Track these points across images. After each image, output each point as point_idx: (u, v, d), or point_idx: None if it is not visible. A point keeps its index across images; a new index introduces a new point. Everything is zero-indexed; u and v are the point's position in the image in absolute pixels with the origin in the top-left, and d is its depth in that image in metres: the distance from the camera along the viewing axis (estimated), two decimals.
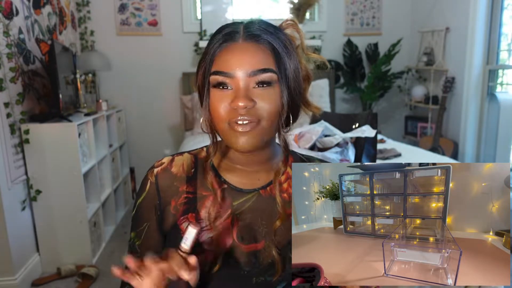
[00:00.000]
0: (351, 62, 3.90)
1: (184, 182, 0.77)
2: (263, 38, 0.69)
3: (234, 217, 0.75)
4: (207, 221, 0.74)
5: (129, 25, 3.64)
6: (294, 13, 3.62)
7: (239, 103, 0.65)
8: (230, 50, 0.68)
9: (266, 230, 0.76)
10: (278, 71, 0.68)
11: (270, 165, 0.78)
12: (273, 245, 0.74)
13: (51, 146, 2.31)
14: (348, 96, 4.07)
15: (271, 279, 0.75)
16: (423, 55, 3.67)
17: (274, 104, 0.68)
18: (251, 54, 0.67)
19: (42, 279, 2.31)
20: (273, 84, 0.68)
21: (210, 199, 0.76)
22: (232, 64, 0.67)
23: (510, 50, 3.07)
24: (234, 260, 0.74)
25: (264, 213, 0.76)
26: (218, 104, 0.68)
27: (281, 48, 0.70)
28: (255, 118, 0.67)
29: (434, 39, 3.59)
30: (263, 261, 0.75)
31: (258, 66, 0.67)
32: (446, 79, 3.31)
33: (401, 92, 4.06)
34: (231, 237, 0.75)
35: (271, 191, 0.77)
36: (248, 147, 0.68)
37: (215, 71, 0.68)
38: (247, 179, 0.77)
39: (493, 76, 3.12)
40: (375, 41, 3.90)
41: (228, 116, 0.67)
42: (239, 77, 0.67)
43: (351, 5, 3.90)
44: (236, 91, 0.67)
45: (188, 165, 0.79)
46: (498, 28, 3.04)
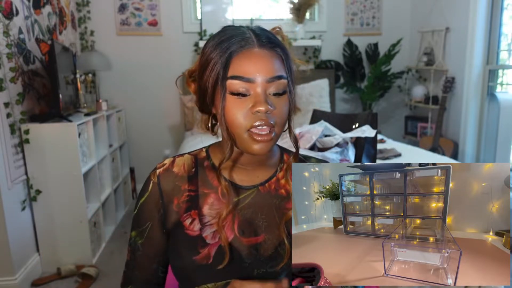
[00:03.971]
0: (351, 62, 3.90)
1: (185, 181, 0.81)
2: (274, 45, 0.72)
3: (235, 212, 0.79)
4: (209, 217, 0.78)
5: (129, 25, 3.64)
6: (294, 13, 3.63)
7: (261, 107, 0.68)
8: (247, 56, 0.70)
9: (266, 224, 0.79)
10: (287, 77, 0.72)
11: (268, 163, 0.83)
12: (284, 234, 0.77)
13: (51, 146, 2.31)
14: (348, 96, 4.06)
15: (272, 270, 0.77)
16: (423, 55, 3.67)
17: (286, 110, 0.72)
18: (268, 61, 0.70)
19: (42, 279, 2.31)
20: (285, 92, 0.72)
21: (212, 196, 0.79)
22: (252, 70, 0.69)
23: (510, 50, 3.07)
24: (236, 253, 0.77)
25: (263, 208, 0.80)
26: (236, 110, 0.70)
27: (285, 54, 0.74)
28: (272, 123, 0.70)
29: (434, 39, 3.59)
30: (263, 254, 0.77)
31: (275, 72, 0.70)
32: (446, 79, 3.31)
33: (401, 92, 4.06)
34: (233, 231, 0.78)
35: (270, 187, 0.81)
36: (263, 152, 0.72)
37: (234, 75, 0.69)
38: (247, 177, 0.81)
39: (493, 76, 3.12)
40: (375, 41, 3.90)
41: (246, 122, 0.70)
42: (258, 82, 0.69)
43: (351, 5, 3.90)
44: (256, 97, 0.69)
45: (188, 165, 0.82)
46: (498, 28, 3.04)
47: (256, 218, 0.79)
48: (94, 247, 2.57)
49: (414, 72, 3.96)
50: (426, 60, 3.62)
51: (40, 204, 2.35)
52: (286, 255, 0.77)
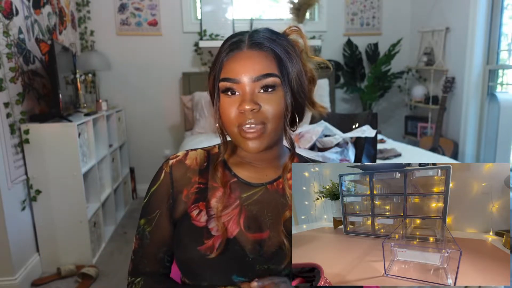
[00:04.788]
0: (351, 62, 3.90)
1: (196, 173, 0.84)
2: (265, 45, 0.75)
3: (242, 207, 0.81)
4: (216, 209, 0.80)
5: (129, 25, 3.64)
6: (294, 13, 3.62)
7: (245, 106, 0.71)
8: (236, 58, 0.75)
9: (271, 221, 0.81)
10: (281, 75, 0.74)
11: (278, 163, 0.84)
12: (282, 233, 0.78)
13: (51, 146, 2.31)
14: (348, 96, 4.06)
15: (274, 267, 0.78)
16: (423, 55, 3.67)
17: (279, 106, 0.74)
18: (255, 61, 0.74)
19: (42, 279, 2.31)
20: (276, 88, 0.74)
21: (220, 190, 0.82)
22: (238, 71, 0.73)
23: (510, 50, 3.07)
24: (239, 247, 0.78)
25: (269, 206, 0.82)
26: (227, 109, 0.74)
27: (283, 54, 0.75)
28: (261, 121, 0.73)
29: (434, 39, 3.59)
30: (267, 250, 0.79)
31: (261, 71, 0.73)
32: (446, 79, 3.31)
33: (401, 92, 4.06)
34: (238, 226, 0.80)
35: (277, 186, 0.83)
36: (257, 149, 0.75)
37: (223, 77, 0.75)
38: (256, 174, 0.84)
39: (493, 76, 3.12)
40: (375, 41, 3.90)
41: (237, 120, 0.73)
42: (244, 82, 0.73)
43: (351, 5, 3.90)
44: (243, 96, 0.73)
45: (201, 159, 0.86)
46: (498, 28, 3.04)
47: (262, 215, 0.81)
48: (94, 247, 2.57)
49: (414, 72, 3.96)
50: (426, 60, 3.62)
51: (40, 204, 2.35)
52: (287, 254, 0.77)
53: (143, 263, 0.86)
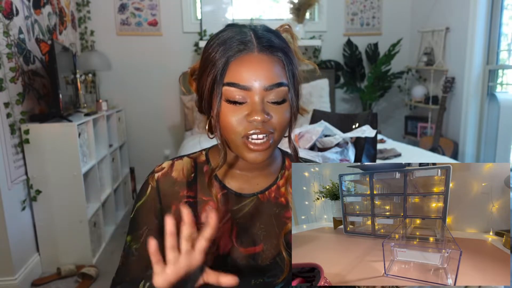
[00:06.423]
0: (351, 62, 3.90)
1: (184, 186, 0.78)
2: (276, 49, 0.68)
3: (233, 221, 0.76)
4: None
5: (129, 25, 3.64)
6: (294, 13, 3.62)
7: (256, 117, 0.65)
8: (245, 61, 0.66)
9: (264, 234, 0.77)
10: (288, 82, 0.69)
11: (269, 169, 0.80)
12: (282, 246, 0.75)
13: (51, 146, 2.31)
14: (348, 96, 4.06)
15: (269, 280, 0.76)
16: (423, 55, 3.67)
17: (286, 117, 0.69)
18: (268, 67, 0.67)
19: (42, 279, 2.31)
20: (286, 100, 0.69)
21: (210, 204, 0.76)
22: (250, 77, 0.66)
23: (510, 50, 3.07)
24: (233, 263, 0.75)
25: (262, 217, 0.78)
26: (231, 116, 0.67)
27: (288, 59, 0.70)
28: (268, 130, 0.67)
29: (434, 39, 3.59)
30: (261, 264, 0.76)
31: (274, 80, 0.67)
32: (446, 79, 3.31)
33: (401, 92, 4.06)
34: (231, 241, 0.76)
35: (269, 195, 0.79)
36: (261, 161, 0.70)
37: (231, 82, 0.66)
38: (247, 184, 0.78)
39: (493, 76, 3.12)
40: (375, 41, 3.90)
41: (241, 128, 0.67)
42: (255, 90, 0.66)
43: (351, 5, 3.90)
44: (252, 105, 0.66)
45: (188, 169, 0.79)
46: (498, 28, 3.04)
47: (255, 228, 0.77)
48: (94, 247, 2.56)
49: (414, 72, 3.96)
50: (426, 60, 3.62)
51: (40, 204, 2.35)
52: (286, 267, 0.75)
53: (126, 282, 0.78)
